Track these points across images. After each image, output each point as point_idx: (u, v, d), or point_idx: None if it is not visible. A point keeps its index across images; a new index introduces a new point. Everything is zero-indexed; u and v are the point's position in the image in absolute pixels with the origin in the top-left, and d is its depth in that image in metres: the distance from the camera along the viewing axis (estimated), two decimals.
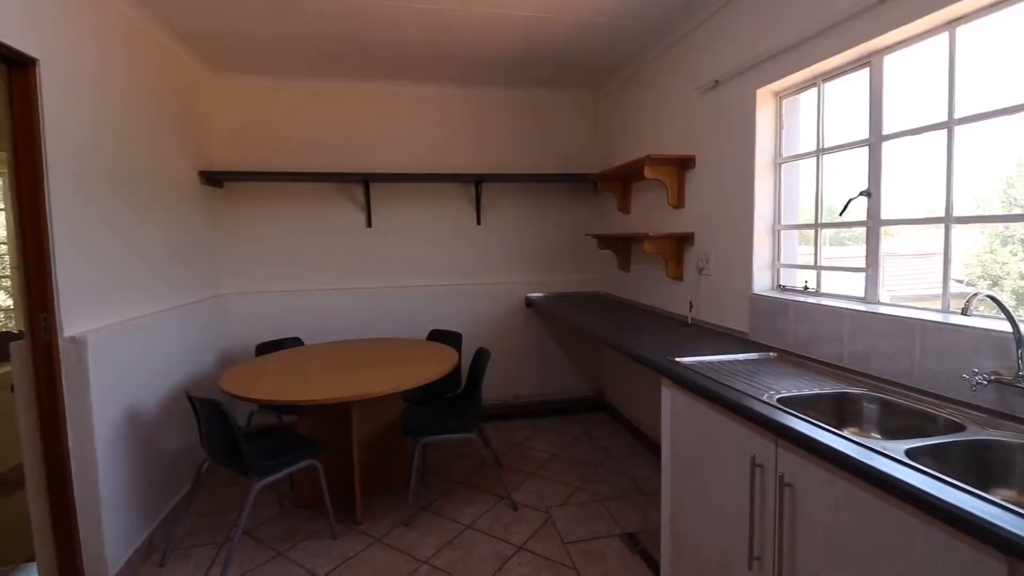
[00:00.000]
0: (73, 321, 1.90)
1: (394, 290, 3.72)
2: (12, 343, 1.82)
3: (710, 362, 1.88)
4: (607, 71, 3.47)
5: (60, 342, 1.84)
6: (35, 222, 1.78)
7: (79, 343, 1.86)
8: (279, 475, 2.14)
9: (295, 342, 3.25)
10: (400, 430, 2.75)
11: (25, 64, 1.73)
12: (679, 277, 2.87)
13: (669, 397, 1.84)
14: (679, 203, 2.84)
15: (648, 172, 2.77)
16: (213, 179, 3.27)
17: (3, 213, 4.23)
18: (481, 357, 2.71)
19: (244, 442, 2.01)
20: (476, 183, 3.77)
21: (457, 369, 2.90)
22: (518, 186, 3.88)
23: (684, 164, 2.75)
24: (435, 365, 2.58)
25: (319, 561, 2.20)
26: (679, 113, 2.83)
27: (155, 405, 2.37)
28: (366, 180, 3.53)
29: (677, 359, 1.88)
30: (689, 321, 2.67)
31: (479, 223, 3.84)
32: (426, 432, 2.48)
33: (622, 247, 3.53)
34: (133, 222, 2.35)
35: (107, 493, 1.97)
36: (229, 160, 3.42)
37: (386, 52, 3.04)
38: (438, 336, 3.35)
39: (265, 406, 2.48)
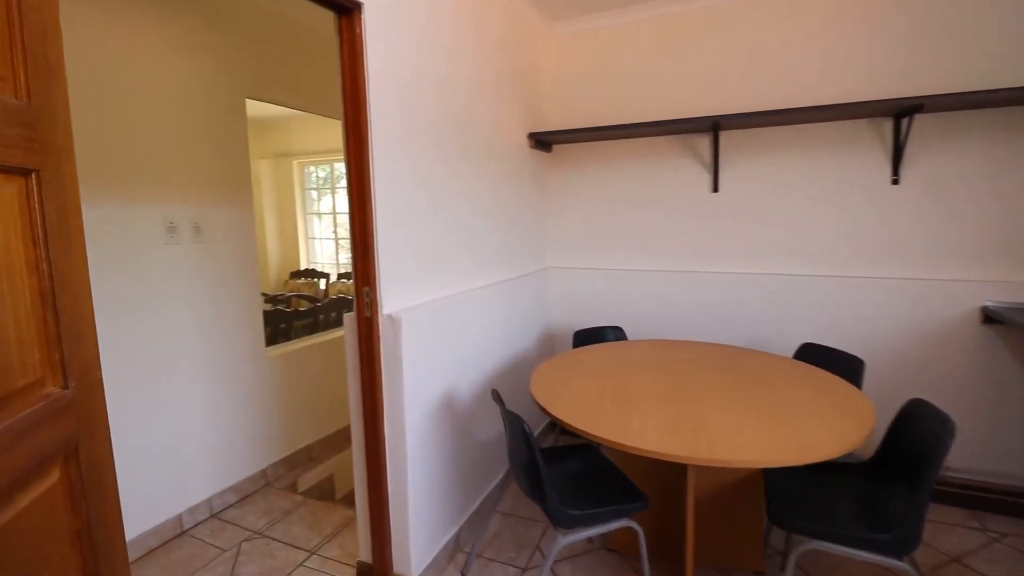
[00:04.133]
0: (394, 296, 1.72)
1: (745, 279, 2.73)
2: (346, 314, 1.76)
3: None
4: None
5: (379, 319, 1.67)
6: (359, 185, 1.61)
7: (395, 322, 1.67)
8: (585, 534, 1.58)
9: (616, 333, 2.69)
10: (756, 500, 1.85)
11: (351, 9, 1.53)
12: None
13: None
14: None
15: None
16: (542, 141, 2.95)
17: None
18: (934, 423, 1.52)
19: (548, 480, 1.50)
20: (899, 116, 2.37)
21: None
22: (983, 117, 2.27)
23: None
24: (837, 422, 1.52)
25: None
26: None
27: (470, 389, 2.16)
28: (715, 125, 2.60)
29: None
30: None
31: (895, 180, 2.43)
32: (813, 533, 1.50)
33: None
34: (462, 190, 2.14)
35: (416, 486, 1.78)
36: (558, 118, 3.05)
37: None
38: (817, 356, 2.23)
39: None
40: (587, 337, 2.60)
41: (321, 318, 3.48)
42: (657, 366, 2.08)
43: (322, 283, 5.76)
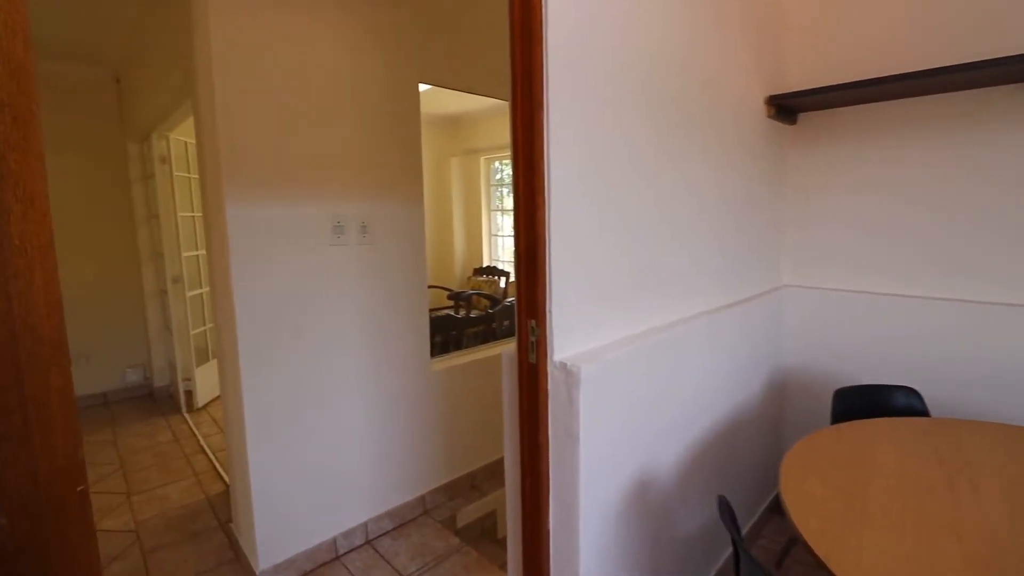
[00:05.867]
0: (571, 333, 1.18)
1: None
2: (504, 350, 1.28)
3: None
4: None
5: (549, 368, 1.15)
6: (527, 171, 1.10)
7: (571, 375, 1.13)
8: None
9: (909, 399, 1.73)
10: None
11: None
12: None
13: None
14: None
15: None
16: (785, 108, 2.10)
17: None
18: None
19: None
20: None
21: None
22: None
23: None
24: None
25: None
26: None
27: (673, 465, 1.51)
28: None
29: None
30: None
31: None
32: None
33: None
34: (674, 180, 1.50)
35: None
36: (806, 75, 2.14)
37: None
38: None
39: None
40: (859, 401, 1.70)
41: (493, 325, 3.16)
42: None
43: (502, 281, 5.61)
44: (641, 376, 1.34)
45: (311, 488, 2.00)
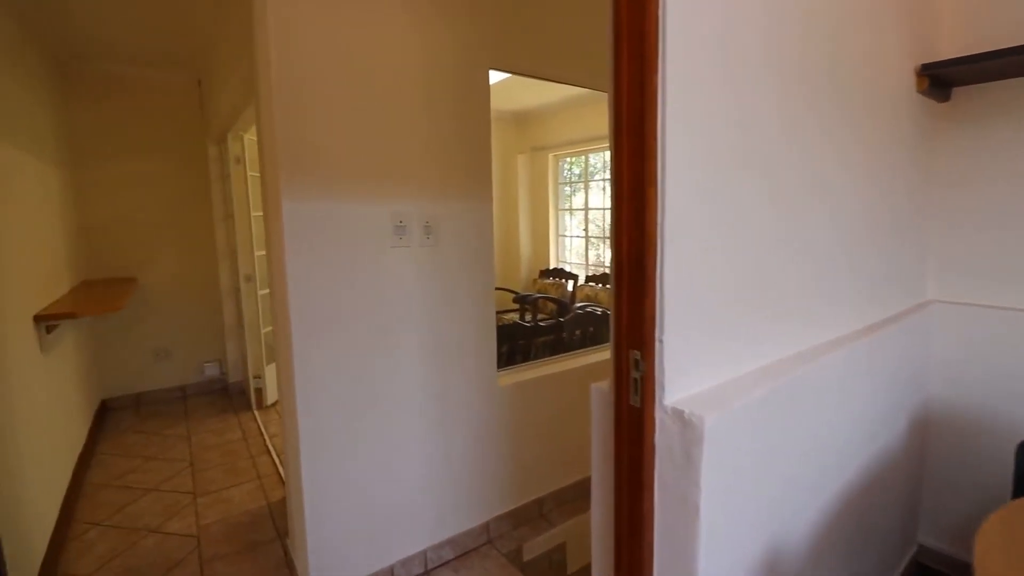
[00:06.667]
0: (688, 367, 0.90)
1: None
2: (594, 385, 1.02)
3: None
4: None
5: (657, 415, 0.88)
6: (637, 159, 0.84)
7: (689, 427, 0.85)
8: None
9: None
10: None
11: None
12: None
13: None
14: None
15: None
16: (938, 81, 1.69)
17: None
18: None
19: None
20: None
21: None
22: None
23: None
24: None
25: None
26: None
27: (807, 534, 1.19)
28: None
29: None
30: None
31: None
32: None
33: None
34: (813, 173, 1.17)
35: None
36: (960, 42, 1.71)
37: None
38: None
39: None
40: None
41: (564, 335, 2.91)
42: None
43: (569, 284, 5.32)
44: (772, 424, 1.03)
45: (367, 509, 1.84)
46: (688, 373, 0.91)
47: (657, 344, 0.86)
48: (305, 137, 1.60)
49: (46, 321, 2.28)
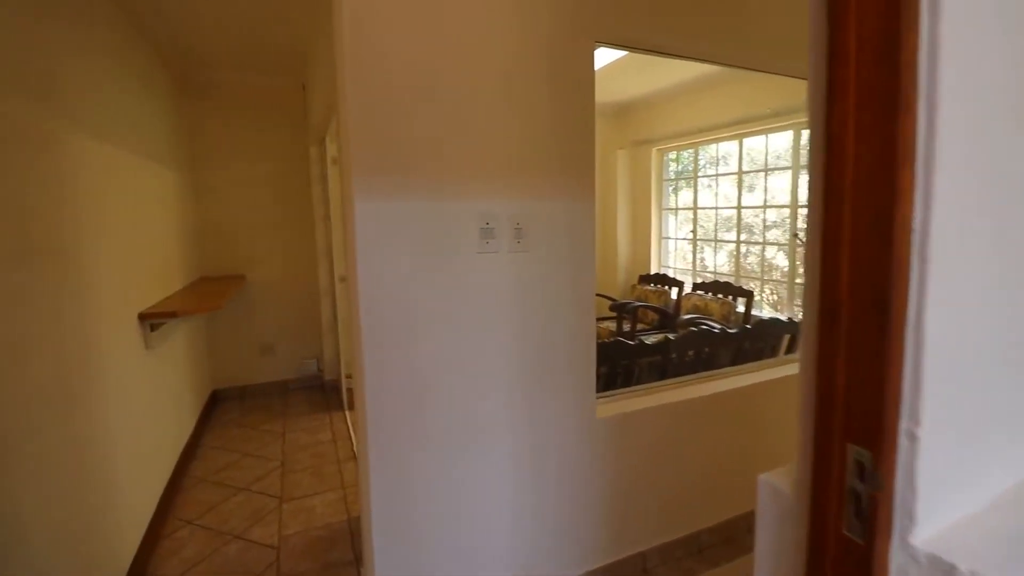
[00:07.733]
0: (942, 484, 0.53)
1: None
2: (763, 478, 0.67)
3: None
4: None
5: (897, 556, 0.52)
6: (878, 119, 0.48)
7: None
8: None
9: None
10: None
11: None
12: None
13: None
14: None
15: None
16: None
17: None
18: None
19: None
20: None
21: None
22: None
23: None
24: None
25: None
26: None
27: None
28: None
29: None
30: None
31: None
32: None
33: None
34: None
35: None
36: None
37: None
38: None
39: None
40: None
41: (673, 356, 2.49)
42: None
43: (673, 292, 4.81)
44: None
45: (439, 551, 1.61)
46: (952, 487, 0.53)
47: (904, 439, 0.49)
48: (379, 126, 1.39)
49: (150, 320, 2.33)
